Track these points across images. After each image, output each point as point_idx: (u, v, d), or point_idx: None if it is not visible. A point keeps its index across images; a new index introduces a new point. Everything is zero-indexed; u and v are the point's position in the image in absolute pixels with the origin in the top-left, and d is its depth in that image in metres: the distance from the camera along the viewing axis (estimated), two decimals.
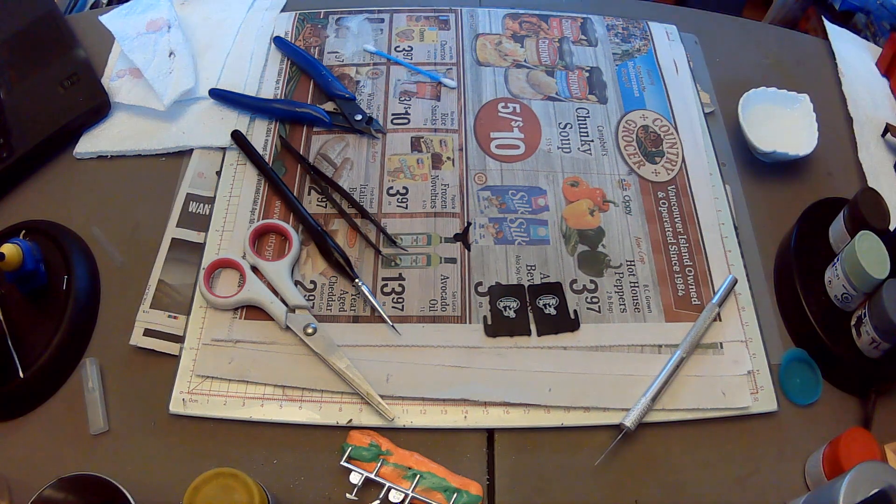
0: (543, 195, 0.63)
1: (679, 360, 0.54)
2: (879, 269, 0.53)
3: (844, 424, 0.53)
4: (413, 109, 0.69)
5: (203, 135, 0.66)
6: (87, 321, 0.57)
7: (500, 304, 0.57)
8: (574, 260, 0.60)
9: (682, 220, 0.62)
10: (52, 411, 0.53)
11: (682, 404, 0.53)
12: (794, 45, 0.79)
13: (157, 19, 0.73)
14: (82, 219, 0.62)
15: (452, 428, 0.52)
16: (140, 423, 0.52)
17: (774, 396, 0.54)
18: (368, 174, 0.64)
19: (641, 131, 0.68)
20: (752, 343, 0.56)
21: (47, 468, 0.49)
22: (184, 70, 0.68)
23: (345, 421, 0.52)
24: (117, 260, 0.60)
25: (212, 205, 0.62)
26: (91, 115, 0.67)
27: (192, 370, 0.53)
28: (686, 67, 0.73)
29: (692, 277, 0.59)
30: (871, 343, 0.53)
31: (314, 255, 0.59)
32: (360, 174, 0.64)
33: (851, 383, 0.56)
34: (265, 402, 0.53)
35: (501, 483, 0.51)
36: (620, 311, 0.57)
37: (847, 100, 0.72)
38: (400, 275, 0.58)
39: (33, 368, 0.52)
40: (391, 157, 0.65)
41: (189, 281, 0.58)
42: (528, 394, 0.53)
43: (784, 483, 0.52)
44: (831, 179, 0.67)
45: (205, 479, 0.42)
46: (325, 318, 0.56)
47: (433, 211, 0.62)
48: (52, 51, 0.70)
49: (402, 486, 0.49)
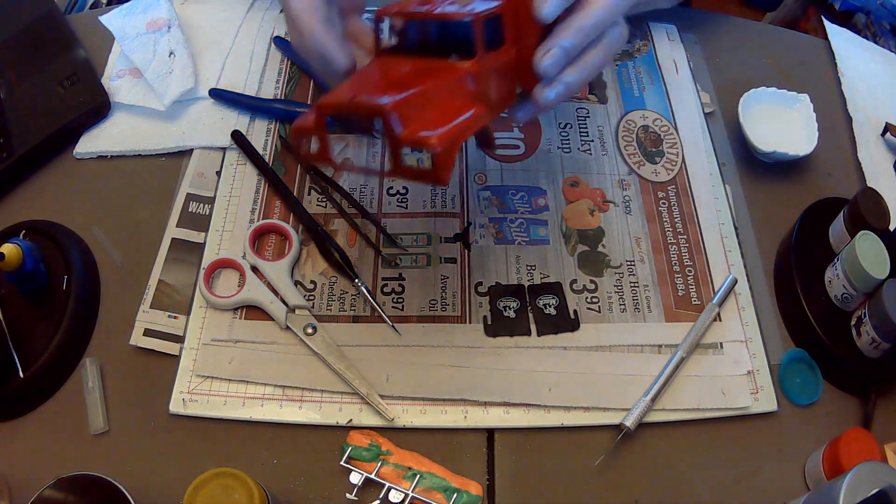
0: (543, 195, 0.63)
1: (679, 360, 0.54)
2: (879, 269, 0.53)
3: (844, 424, 0.53)
4: None
5: (203, 135, 0.66)
6: (87, 321, 0.57)
7: (500, 304, 0.57)
8: (574, 260, 0.60)
9: (682, 220, 0.62)
10: (52, 411, 0.53)
11: (682, 404, 0.53)
12: (794, 45, 0.79)
13: (157, 19, 0.73)
14: (82, 219, 0.62)
15: (452, 428, 0.52)
16: (140, 423, 0.52)
17: (774, 396, 0.54)
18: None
19: (641, 131, 0.68)
20: (752, 343, 0.56)
21: (47, 468, 0.49)
22: (184, 70, 0.68)
23: (345, 421, 0.52)
24: (117, 260, 0.60)
25: (212, 205, 0.62)
26: (91, 115, 0.67)
27: (192, 370, 0.54)
28: (686, 67, 0.73)
29: (692, 277, 0.59)
30: (871, 343, 0.53)
31: (314, 255, 0.59)
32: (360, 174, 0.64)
33: (851, 383, 0.56)
34: (265, 402, 0.53)
35: (501, 483, 0.51)
36: (620, 311, 0.57)
37: (847, 100, 0.72)
38: (400, 275, 0.58)
39: (33, 368, 0.52)
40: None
41: (189, 281, 0.58)
42: (528, 394, 0.53)
43: (784, 483, 0.52)
44: (831, 179, 0.67)
45: (205, 479, 0.42)
46: (325, 318, 0.56)
47: (433, 211, 0.62)
48: (52, 51, 0.70)
49: (402, 486, 0.49)
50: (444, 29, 0.43)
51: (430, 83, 0.41)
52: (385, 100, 0.38)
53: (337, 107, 0.41)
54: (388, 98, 0.38)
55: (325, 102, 0.41)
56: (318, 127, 0.41)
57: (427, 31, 0.44)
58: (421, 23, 0.44)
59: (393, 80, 0.42)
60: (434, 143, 0.38)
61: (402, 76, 0.42)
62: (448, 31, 0.43)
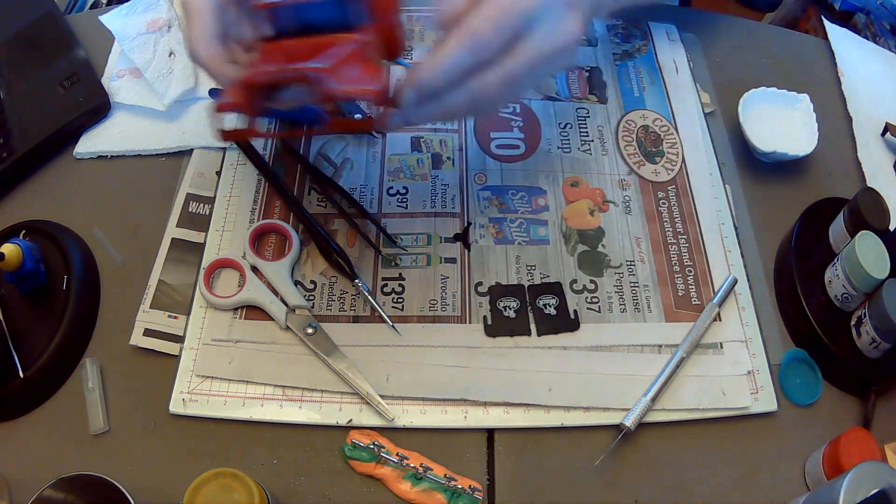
0: (543, 195, 0.63)
1: (679, 360, 0.54)
2: (879, 269, 0.53)
3: (844, 424, 0.53)
4: None
5: (203, 135, 0.66)
6: (87, 321, 0.57)
7: (500, 304, 0.57)
8: (574, 260, 0.60)
9: (682, 220, 0.62)
10: (52, 411, 0.53)
11: (682, 404, 0.53)
12: (794, 45, 0.79)
13: (157, 19, 0.73)
14: (82, 219, 0.62)
15: (452, 428, 0.52)
16: (140, 423, 0.52)
17: (774, 396, 0.54)
18: (368, 174, 0.64)
19: (641, 131, 0.68)
20: (752, 343, 0.56)
21: (47, 468, 0.49)
22: (184, 70, 0.68)
23: (345, 421, 0.52)
24: (117, 260, 0.60)
25: (212, 205, 0.62)
26: (91, 115, 0.67)
27: (192, 370, 0.54)
28: (686, 67, 0.73)
29: (692, 277, 0.59)
30: (871, 343, 0.53)
31: (314, 255, 0.59)
32: (360, 174, 0.64)
33: (851, 383, 0.56)
34: (265, 402, 0.53)
35: (501, 483, 0.51)
36: (620, 311, 0.57)
37: (847, 100, 0.72)
38: (400, 275, 0.58)
39: (33, 368, 0.52)
40: (391, 157, 0.65)
41: (189, 281, 0.58)
42: (528, 394, 0.53)
43: (784, 483, 0.52)
44: (831, 179, 0.67)
45: (205, 479, 0.42)
46: (325, 318, 0.56)
47: (433, 211, 0.62)
48: (52, 51, 0.70)
49: (402, 486, 0.49)
50: (313, 12, 0.44)
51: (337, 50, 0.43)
52: (319, 64, 0.42)
53: (271, 76, 0.43)
54: (320, 62, 0.42)
55: (255, 76, 0.43)
56: (248, 104, 0.44)
57: (298, 15, 0.45)
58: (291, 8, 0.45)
59: (295, 55, 0.44)
60: (369, 93, 0.43)
61: (302, 52, 0.44)
62: (316, 14, 0.44)
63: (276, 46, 0.45)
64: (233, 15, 0.48)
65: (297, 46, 0.44)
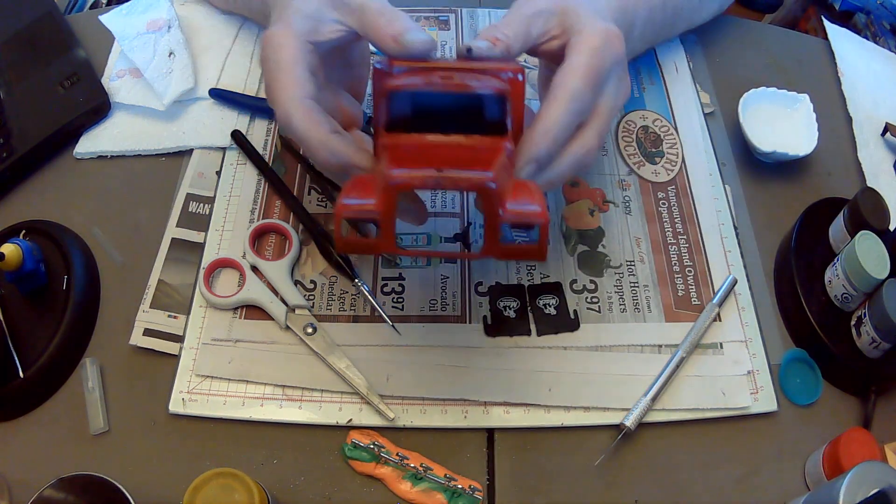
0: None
1: (679, 360, 0.54)
2: (879, 269, 0.53)
3: (844, 424, 0.53)
4: None
5: (203, 135, 0.66)
6: (87, 321, 0.57)
7: (500, 303, 0.57)
8: (574, 260, 0.60)
9: (682, 220, 0.62)
10: (52, 411, 0.53)
11: (682, 404, 0.53)
12: (794, 45, 0.79)
13: (157, 19, 0.73)
14: (82, 219, 0.62)
15: (452, 428, 0.52)
16: (140, 423, 0.52)
17: (774, 396, 0.54)
18: None
19: (641, 131, 0.68)
20: (752, 343, 0.56)
21: (47, 468, 0.49)
22: (183, 70, 0.68)
23: (345, 421, 0.52)
24: (117, 260, 0.60)
25: (212, 205, 0.62)
26: (91, 115, 0.67)
27: (191, 370, 0.54)
28: (686, 67, 0.73)
29: (692, 277, 0.59)
30: (871, 343, 0.53)
31: (314, 255, 0.59)
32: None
33: (851, 383, 0.56)
34: (265, 401, 0.53)
35: (501, 483, 0.51)
36: (620, 311, 0.57)
37: (847, 100, 0.72)
38: (400, 274, 0.58)
39: (33, 368, 0.52)
40: None
41: (189, 281, 0.58)
42: (528, 394, 0.53)
43: (784, 483, 0.52)
44: (831, 179, 0.67)
45: (205, 479, 0.42)
46: (325, 318, 0.56)
47: (433, 211, 0.62)
48: (52, 51, 0.70)
49: (402, 486, 0.49)
50: (456, 103, 0.39)
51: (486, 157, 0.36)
52: (481, 172, 0.34)
53: (419, 181, 0.35)
54: (480, 171, 0.34)
55: (399, 179, 0.35)
56: (387, 210, 0.35)
57: (433, 106, 0.39)
58: (428, 96, 0.39)
59: (433, 156, 0.37)
60: (541, 216, 0.34)
61: (437, 153, 0.37)
62: (458, 106, 0.39)
63: (411, 141, 0.38)
64: (320, 80, 0.44)
65: (438, 147, 0.37)
